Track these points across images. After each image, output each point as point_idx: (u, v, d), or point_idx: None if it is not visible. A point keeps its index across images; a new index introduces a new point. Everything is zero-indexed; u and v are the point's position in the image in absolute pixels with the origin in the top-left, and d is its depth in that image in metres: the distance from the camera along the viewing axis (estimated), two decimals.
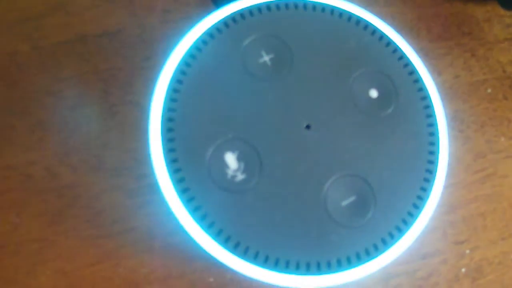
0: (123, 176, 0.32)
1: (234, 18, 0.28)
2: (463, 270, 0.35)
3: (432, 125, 0.28)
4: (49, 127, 0.33)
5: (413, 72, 0.29)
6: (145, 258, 0.31)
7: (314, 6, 0.29)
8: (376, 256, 0.26)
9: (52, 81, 0.34)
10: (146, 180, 0.32)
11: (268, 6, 0.28)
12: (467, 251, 0.36)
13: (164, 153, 0.25)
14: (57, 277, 0.31)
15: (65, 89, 0.34)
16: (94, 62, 0.35)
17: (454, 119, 0.39)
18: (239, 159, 0.26)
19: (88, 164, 0.32)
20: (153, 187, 0.25)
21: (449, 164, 0.36)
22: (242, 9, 0.28)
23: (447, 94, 0.39)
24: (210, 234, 0.24)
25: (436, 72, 0.40)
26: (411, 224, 0.26)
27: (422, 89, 0.29)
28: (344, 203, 0.26)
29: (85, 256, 0.31)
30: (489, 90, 0.40)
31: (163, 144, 0.25)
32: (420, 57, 0.29)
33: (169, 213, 0.24)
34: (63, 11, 0.36)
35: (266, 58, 0.28)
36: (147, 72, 0.34)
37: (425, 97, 0.29)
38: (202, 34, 0.27)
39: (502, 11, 0.43)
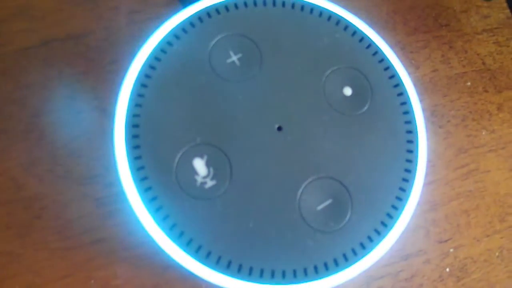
0: (92, 184, 0.31)
1: (200, 17, 0.27)
2: (447, 269, 0.34)
3: (410, 122, 0.27)
4: (12, 136, 0.32)
5: (388, 67, 0.28)
6: (117, 270, 0.30)
7: (283, 3, 0.28)
8: (355, 261, 0.25)
9: (15, 88, 0.33)
10: (115, 188, 0.31)
11: (235, 4, 0.27)
12: (451, 250, 0.35)
13: (129, 160, 0.24)
14: None
15: (29, 96, 0.33)
16: (59, 67, 0.33)
17: (434, 114, 0.38)
18: (208, 164, 0.24)
19: (55, 174, 0.31)
20: (123, 196, 0.23)
21: (430, 161, 0.35)
22: (209, 7, 0.27)
23: (426, 88, 0.38)
24: (179, 244, 0.23)
25: (413, 66, 0.39)
26: (391, 226, 0.25)
27: (398, 85, 0.28)
28: (320, 207, 0.25)
29: (55, 269, 0.30)
30: (468, 83, 0.39)
31: (128, 151, 0.24)
32: (396, 51, 0.29)
33: (137, 222, 0.23)
34: (26, 16, 0.35)
35: (234, 58, 0.27)
36: (113, 76, 0.33)
37: (402, 93, 0.28)
38: (167, 35, 0.26)
39: (479, 2, 0.42)
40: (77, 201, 0.31)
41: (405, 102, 0.28)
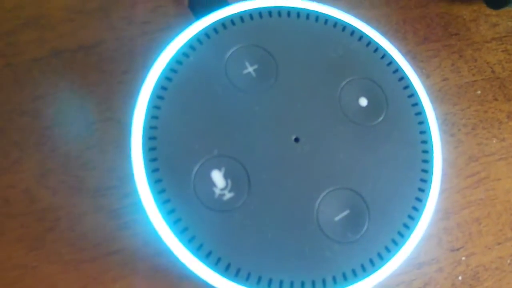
0: (106, 196, 0.31)
1: (215, 28, 0.27)
2: (459, 278, 0.34)
3: (425, 132, 0.27)
4: (25, 148, 0.31)
5: (402, 78, 0.28)
6: (131, 281, 0.30)
7: (298, 14, 0.28)
8: (373, 271, 0.25)
9: (27, 99, 0.32)
10: (130, 199, 0.31)
11: (250, 15, 0.27)
12: (463, 258, 0.35)
13: (147, 173, 0.24)
14: None
15: (41, 108, 0.32)
16: (71, 78, 0.33)
17: (445, 123, 0.38)
18: (226, 176, 0.24)
19: (68, 185, 0.31)
20: (137, 206, 0.23)
21: (442, 169, 0.35)
22: (224, 18, 0.27)
23: (437, 97, 0.38)
24: (198, 256, 0.23)
25: (424, 75, 0.39)
26: (408, 236, 0.25)
27: (412, 95, 0.28)
28: (337, 218, 0.25)
29: (69, 282, 0.30)
30: (478, 92, 0.39)
31: (145, 164, 0.24)
32: (407, 60, 0.28)
33: (155, 236, 0.23)
34: (37, 26, 0.34)
35: (250, 69, 0.27)
36: (126, 86, 0.33)
37: (416, 104, 0.28)
38: (183, 46, 0.26)
39: (488, 10, 0.42)
40: (91, 212, 0.31)
41: (420, 112, 0.28)
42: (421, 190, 0.26)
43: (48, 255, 0.30)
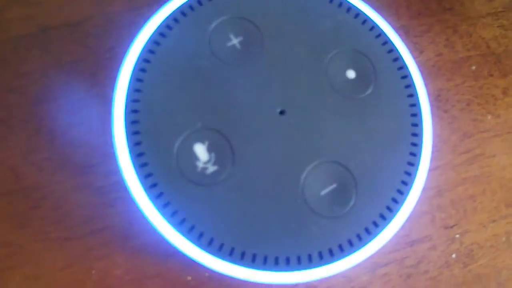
0: (91, 173, 0.31)
1: (199, 1, 0.26)
2: (453, 255, 0.34)
3: (414, 105, 0.27)
4: (11, 125, 0.31)
5: (392, 50, 0.27)
6: (118, 259, 0.30)
7: None
8: (360, 247, 0.24)
9: (13, 76, 0.32)
10: (116, 176, 0.30)
11: None
12: (457, 236, 0.34)
13: (129, 147, 0.23)
14: (27, 283, 0.29)
15: (27, 85, 0.32)
16: (57, 55, 0.33)
17: (439, 99, 0.37)
18: (209, 150, 0.24)
19: (54, 162, 0.31)
20: (123, 184, 0.23)
21: (435, 146, 0.34)
22: None
23: (430, 72, 0.38)
24: (181, 231, 0.23)
25: (417, 50, 0.38)
26: (397, 211, 0.25)
27: (402, 67, 0.27)
28: (324, 192, 0.25)
29: (55, 259, 0.29)
30: (473, 67, 0.39)
31: (127, 138, 0.23)
32: (400, 35, 0.28)
33: (138, 210, 0.23)
34: (24, 3, 0.34)
35: (235, 41, 0.26)
36: (112, 62, 0.32)
37: (406, 76, 0.27)
38: (166, 19, 0.26)
39: None
40: (76, 190, 0.30)
41: (410, 85, 0.27)
42: (411, 164, 0.26)
43: (34, 233, 0.30)
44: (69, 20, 0.34)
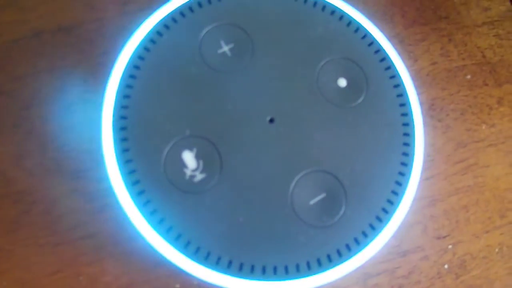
0: (82, 178, 0.31)
1: (190, 7, 0.26)
2: (445, 266, 0.34)
3: (406, 114, 0.27)
4: (2, 129, 0.31)
5: (384, 58, 0.27)
6: (107, 266, 0.30)
7: None
8: (349, 257, 0.24)
9: (5, 80, 0.32)
10: (106, 183, 0.30)
11: None
12: (450, 246, 0.34)
13: (116, 153, 0.23)
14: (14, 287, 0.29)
15: (19, 88, 0.32)
16: (50, 59, 0.33)
17: (433, 108, 0.37)
18: (197, 157, 0.24)
19: (45, 167, 0.31)
20: (113, 190, 0.23)
21: (429, 155, 0.34)
22: None
23: (425, 81, 0.38)
24: (167, 239, 0.23)
25: (412, 59, 0.38)
26: (387, 221, 0.25)
27: (394, 76, 0.27)
28: (313, 201, 0.24)
29: (43, 265, 0.29)
30: (468, 76, 0.39)
31: (115, 144, 0.23)
32: (394, 43, 0.28)
33: (124, 217, 0.23)
34: (17, 7, 0.34)
35: (225, 48, 0.26)
36: (105, 68, 0.32)
37: (398, 85, 0.27)
38: (156, 25, 0.26)
39: None
40: (67, 195, 0.30)
41: (402, 94, 0.27)
42: (401, 174, 0.25)
43: (24, 238, 0.30)
44: (62, 25, 0.34)
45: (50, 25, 0.34)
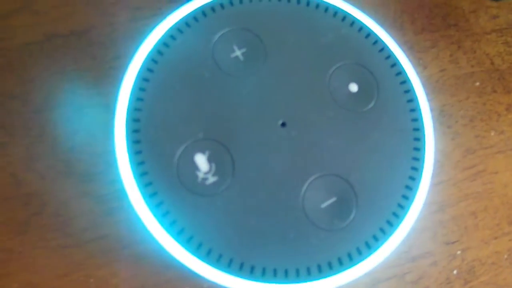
0: (93, 181, 0.31)
1: (204, 12, 0.26)
2: (454, 272, 0.34)
3: (417, 119, 0.27)
4: (13, 132, 0.31)
5: (395, 64, 0.27)
6: (117, 268, 0.30)
7: None
8: (360, 260, 0.24)
9: (17, 83, 0.32)
10: (117, 185, 0.30)
11: None
12: (459, 252, 0.34)
13: (129, 155, 0.23)
14: None
15: (30, 92, 0.32)
16: (62, 62, 0.33)
17: (442, 114, 0.37)
18: (210, 160, 0.24)
19: (56, 170, 0.31)
20: (124, 192, 0.23)
21: (438, 161, 0.34)
22: (213, 1, 0.27)
23: (434, 88, 0.38)
24: (179, 241, 0.23)
25: (421, 65, 0.38)
26: (397, 225, 0.25)
27: (405, 81, 0.27)
28: (324, 205, 0.24)
29: (53, 267, 0.29)
30: (477, 83, 0.39)
31: (128, 146, 0.23)
32: (404, 50, 0.28)
33: (139, 220, 0.23)
34: (30, 11, 0.34)
35: (238, 52, 0.26)
36: (117, 72, 0.32)
37: (409, 90, 0.27)
38: (170, 29, 0.26)
39: (488, 2, 0.41)
40: (78, 198, 0.30)
41: (412, 99, 0.27)
42: (412, 178, 0.26)
43: (34, 240, 0.30)
44: (74, 29, 0.34)
45: (63, 29, 0.34)
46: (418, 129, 0.26)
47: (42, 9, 0.34)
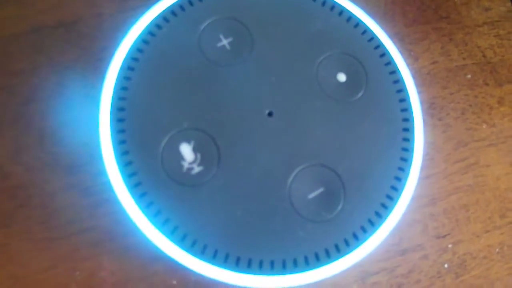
0: (79, 173, 0.30)
1: (190, 1, 0.26)
2: (445, 265, 0.33)
3: (406, 109, 0.26)
4: (0, 124, 0.31)
5: (384, 54, 0.27)
6: (103, 261, 0.29)
7: None
8: (348, 252, 0.24)
9: (4, 75, 0.32)
10: (104, 177, 0.30)
11: None
12: (450, 246, 0.34)
13: (114, 145, 0.23)
14: (9, 283, 0.29)
15: (17, 84, 0.32)
16: (49, 54, 0.33)
17: (433, 107, 0.37)
18: (195, 150, 0.24)
19: (42, 162, 0.30)
20: (110, 184, 0.23)
21: (429, 154, 0.34)
22: None
23: (425, 80, 0.37)
24: (164, 232, 0.22)
25: (412, 57, 0.38)
26: (385, 216, 0.25)
27: (394, 72, 0.27)
28: (311, 195, 0.24)
29: (39, 260, 0.29)
30: (469, 76, 0.39)
31: (112, 135, 0.23)
32: (395, 42, 0.28)
33: (124, 212, 0.22)
34: (17, 2, 0.34)
35: (224, 42, 0.26)
36: (104, 63, 0.32)
37: (398, 81, 0.27)
38: (156, 18, 0.26)
39: None
40: (64, 190, 0.30)
41: (401, 90, 0.27)
42: (401, 169, 0.25)
43: (19, 233, 0.29)
44: (61, 20, 0.34)
45: (50, 20, 0.34)
46: (407, 120, 0.26)
47: (28, 0, 0.34)
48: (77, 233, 0.29)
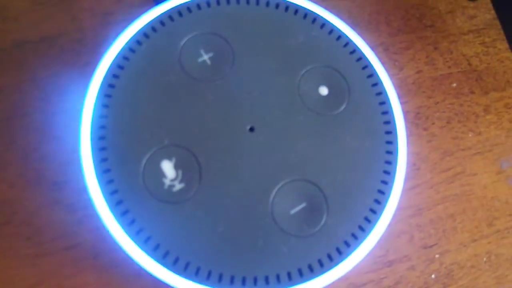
0: (63, 190, 0.30)
1: (170, 16, 0.26)
2: (432, 276, 0.33)
3: (389, 122, 0.26)
4: None
5: (366, 66, 0.27)
6: (88, 277, 0.29)
7: (257, 0, 0.27)
8: (331, 267, 0.24)
9: None
10: (87, 193, 0.30)
11: (207, 2, 0.27)
12: (437, 256, 0.34)
13: (95, 163, 0.23)
14: None
15: (0, 99, 0.31)
16: (33, 69, 0.33)
17: (418, 116, 0.37)
18: (176, 167, 0.24)
19: (26, 178, 0.30)
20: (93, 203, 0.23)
21: (414, 164, 0.34)
22: (180, 5, 0.27)
23: (410, 90, 0.37)
24: (146, 250, 0.22)
25: (397, 67, 0.38)
26: (369, 230, 0.24)
27: (377, 84, 0.27)
28: (293, 211, 0.24)
29: (24, 277, 0.29)
30: (454, 85, 0.39)
31: (93, 154, 0.23)
32: (379, 52, 0.28)
33: (104, 228, 0.22)
34: None
35: (205, 57, 0.26)
36: (87, 78, 0.32)
37: (380, 93, 0.27)
38: (136, 34, 0.26)
39: (465, 2, 0.41)
40: (48, 206, 0.30)
41: (384, 102, 0.27)
42: (384, 182, 0.25)
43: (4, 249, 0.29)
44: (44, 35, 0.34)
45: (32, 35, 0.33)
46: (390, 132, 0.26)
47: (11, 15, 0.34)
48: (62, 250, 0.29)
